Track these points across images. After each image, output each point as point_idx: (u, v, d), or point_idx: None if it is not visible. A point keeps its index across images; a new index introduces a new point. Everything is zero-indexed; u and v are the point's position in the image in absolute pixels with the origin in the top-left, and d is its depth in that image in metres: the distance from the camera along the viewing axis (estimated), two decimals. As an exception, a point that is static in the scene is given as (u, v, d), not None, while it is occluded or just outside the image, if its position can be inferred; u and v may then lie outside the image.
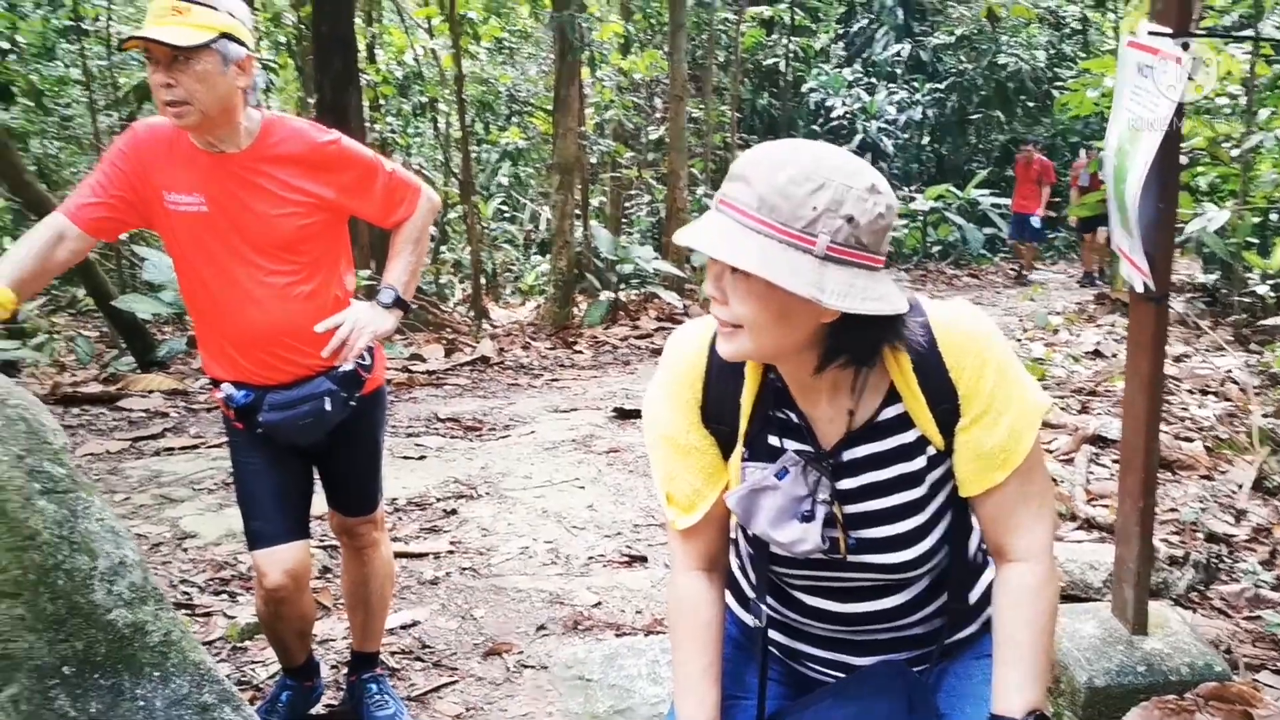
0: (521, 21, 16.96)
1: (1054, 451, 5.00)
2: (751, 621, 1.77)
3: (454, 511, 4.83)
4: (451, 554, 4.29)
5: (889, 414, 1.55)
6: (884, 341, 1.47)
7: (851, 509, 1.58)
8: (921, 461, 1.56)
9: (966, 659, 1.69)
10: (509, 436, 6.37)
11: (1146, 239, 2.49)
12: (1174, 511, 4.13)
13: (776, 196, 1.34)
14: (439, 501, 4.97)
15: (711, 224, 1.39)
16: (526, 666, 3.30)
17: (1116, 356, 7.26)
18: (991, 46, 18.60)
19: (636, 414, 6.45)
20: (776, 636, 1.77)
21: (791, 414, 1.58)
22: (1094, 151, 11.89)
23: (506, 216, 16.59)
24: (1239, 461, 4.70)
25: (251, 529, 2.65)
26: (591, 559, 4.22)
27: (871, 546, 1.58)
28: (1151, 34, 2.41)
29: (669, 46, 12.14)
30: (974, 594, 1.70)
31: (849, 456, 1.57)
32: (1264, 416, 5.08)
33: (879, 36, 19.58)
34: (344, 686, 3.09)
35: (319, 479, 2.80)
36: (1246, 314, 8.15)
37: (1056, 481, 4.50)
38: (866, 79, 18.85)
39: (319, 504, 2.78)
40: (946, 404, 1.52)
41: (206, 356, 2.65)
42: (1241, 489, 4.35)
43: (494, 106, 16.31)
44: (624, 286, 11.43)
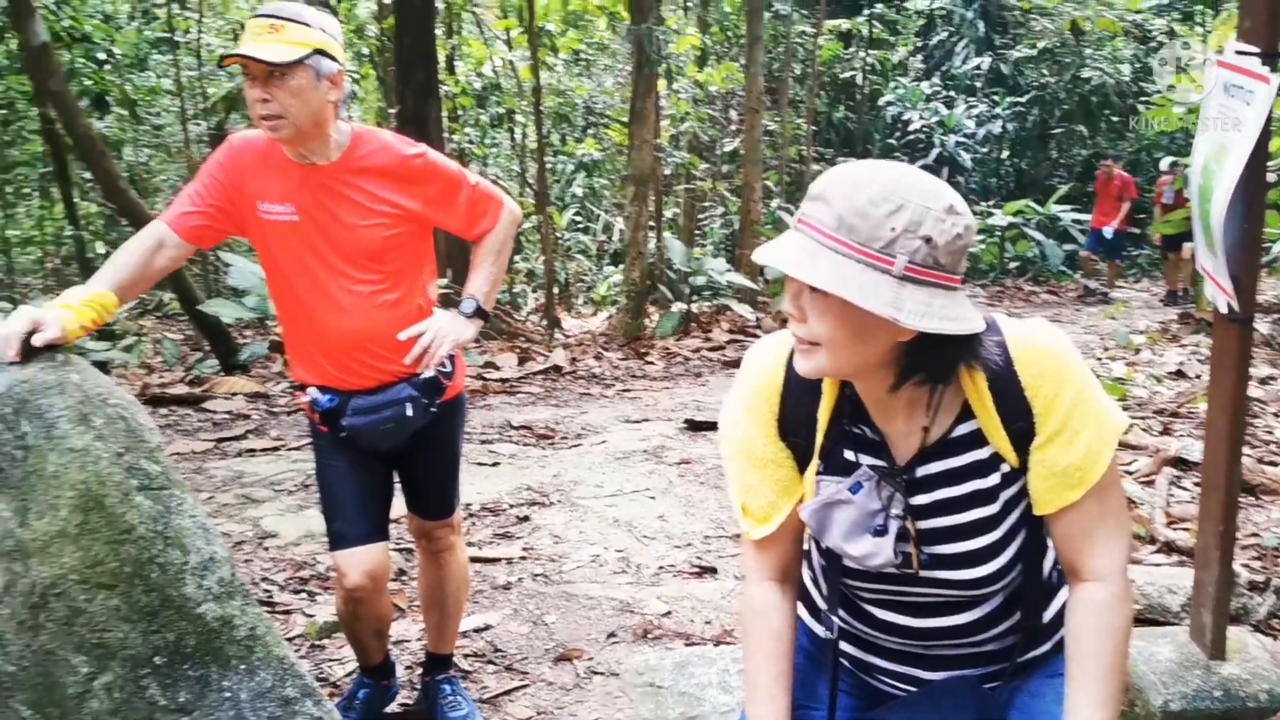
0: (599, 34, 17.08)
1: (1134, 473, 4.91)
2: (823, 633, 1.78)
3: (527, 518, 4.89)
4: (524, 560, 4.34)
5: (963, 430, 1.56)
6: (960, 360, 1.48)
7: (925, 524, 1.58)
8: (995, 478, 1.56)
9: (1039, 677, 1.68)
10: (581, 445, 6.42)
11: (1231, 259, 2.45)
12: (1255, 536, 4.04)
13: (855, 217, 1.36)
14: (512, 508, 5.03)
15: (790, 243, 1.42)
16: (596, 673, 3.33)
17: (1200, 377, 7.09)
18: (1075, 60, 18.27)
19: (708, 426, 6.46)
20: (848, 648, 1.78)
21: (867, 429, 1.60)
22: (1179, 168, 11.63)
23: (580, 227, 16.70)
24: (1324, 487, 4.59)
25: (333, 530, 2.71)
26: (662, 569, 4.24)
27: (944, 562, 1.59)
28: (1239, 54, 2.38)
29: (745, 59, 12.13)
30: (1048, 613, 1.70)
31: (923, 472, 1.58)
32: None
33: (959, 49, 19.35)
34: (418, 687, 3.14)
35: (399, 483, 2.85)
36: (1335, 337, 7.94)
37: (1136, 504, 4.43)
38: (945, 92, 18.64)
39: (397, 507, 2.84)
40: (1022, 422, 1.52)
41: (294, 361, 2.72)
42: (1326, 515, 4.25)
43: (570, 118, 16.43)
44: (696, 298, 11.43)
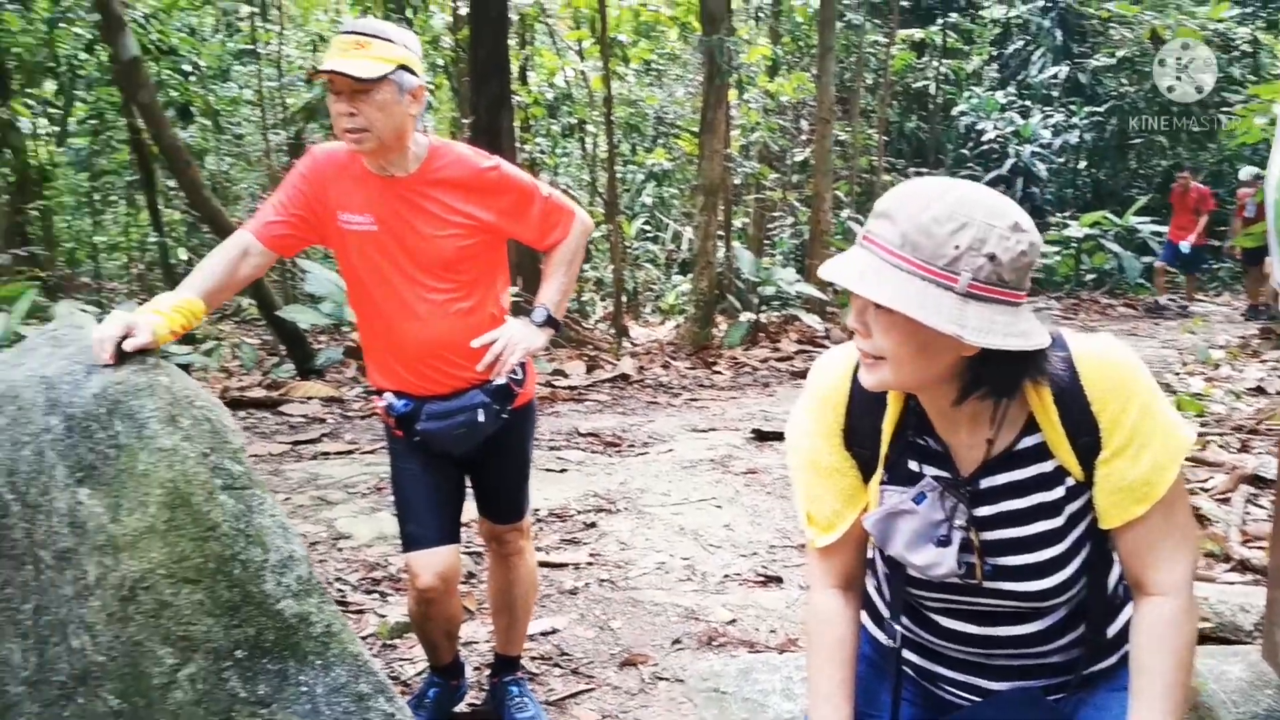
0: (670, 44, 17.15)
1: (1210, 490, 4.83)
2: (886, 640, 1.80)
3: (593, 524, 4.94)
4: (590, 565, 4.39)
5: (1028, 443, 1.57)
6: (1024, 375, 1.49)
7: (988, 536, 1.60)
8: (1060, 491, 1.57)
9: (1103, 691, 1.68)
10: (648, 453, 6.47)
11: (1308, 274, 2.42)
12: (1335, 557, 3.94)
13: (919, 235, 1.39)
14: (579, 514, 5.09)
15: (855, 259, 1.44)
16: (661, 678, 3.36)
17: (1280, 394, 6.96)
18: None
19: (775, 436, 6.46)
20: (911, 657, 1.79)
21: (931, 440, 1.62)
22: (1260, 180, 11.36)
23: (649, 236, 16.77)
24: None
25: (406, 532, 2.78)
26: (727, 577, 4.26)
27: (1007, 574, 1.60)
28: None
29: (817, 69, 12.11)
30: (1112, 629, 1.69)
31: (987, 484, 1.59)
32: None
33: (1035, 58, 19.07)
34: (486, 688, 3.20)
35: (471, 487, 2.92)
36: None
37: (1211, 521, 4.35)
38: (1020, 102, 18.40)
39: (469, 511, 2.89)
40: (1087, 436, 1.53)
41: (371, 366, 2.80)
42: None
43: (641, 128, 16.53)
44: (765, 308, 11.42)
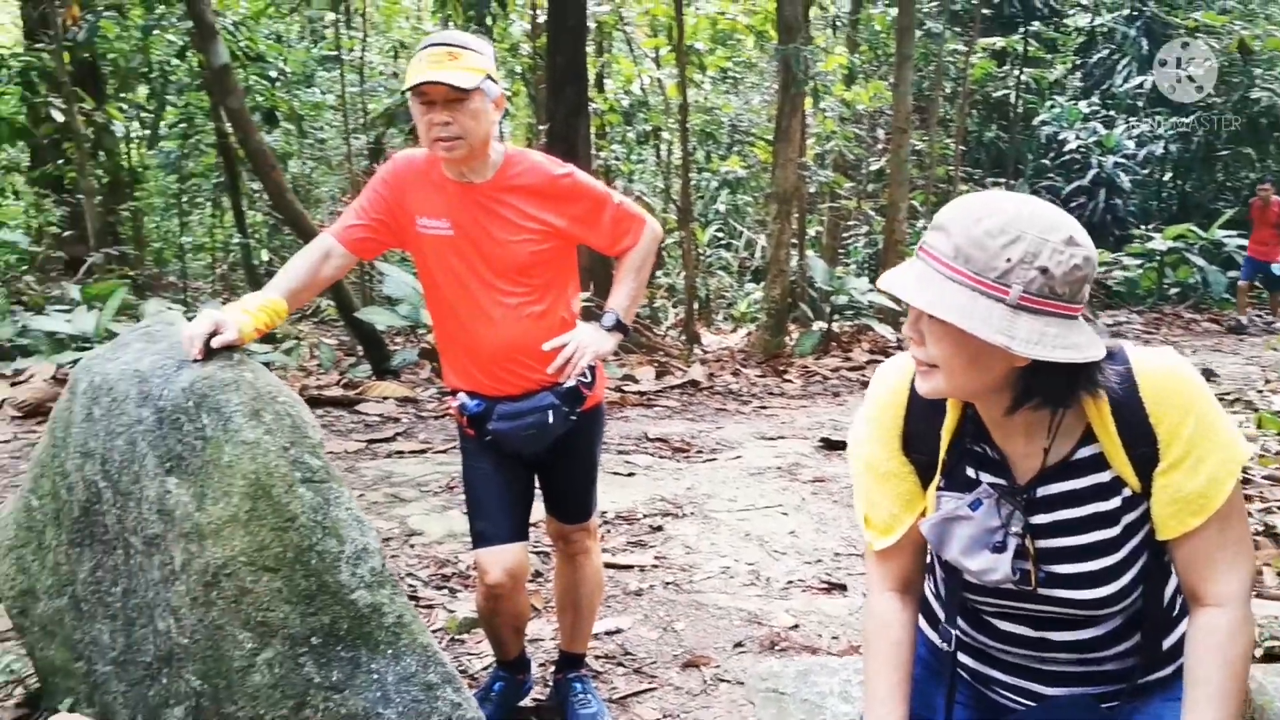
0: (747, 53, 17.18)
1: (1288, 509, 4.73)
2: (941, 644, 1.82)
3: (660, 528, 4.99)
4: (656, 568, 4.44)
5: (1085, 453, 1.59)
6: (1077, 387, 1.51)
7: (1044, 543, 1.62)
8: (1116, 502, 1.59)
9: (1157, 701, 1.68)
10: (715, 460, 6.50)
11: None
12: None
13: (972, 247, 1.42)
14: (646, 518, 5.14)
15: (911, 270, 1.49)
16: (723, 680, 3.40)
17: (1367, 413, 6.75)
18: (1244, 80, 17.49)
19: (843, 445, 6.40)
20: (966, 660, 1.82)
21: (988, 448, 1.65)
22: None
23: (722, 243, 16.80)
24: None
25: (476, 529, 2.85)
26: (791, 583, 4.28)
27: (1062, 581, 1.61)
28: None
29: (894, 78, 12.03)
30: (1169, 640, 1.70)
31: (1043, 492, 1.61)
32: None
33: (1120, 68, 18.73)
34: (550, 684, 3.27)
35: (540, 488, 2.98)
36: None
37: (1288, 539, 4.27)
38: (1104, 112, 18.08)
39: (537, 511, 2.96)
40: (1145, 448, 1.54)
41: (446, 367, 2.88)
42: None
43: (716, 135, 16.56)
44: (837, 317, 11.38)
